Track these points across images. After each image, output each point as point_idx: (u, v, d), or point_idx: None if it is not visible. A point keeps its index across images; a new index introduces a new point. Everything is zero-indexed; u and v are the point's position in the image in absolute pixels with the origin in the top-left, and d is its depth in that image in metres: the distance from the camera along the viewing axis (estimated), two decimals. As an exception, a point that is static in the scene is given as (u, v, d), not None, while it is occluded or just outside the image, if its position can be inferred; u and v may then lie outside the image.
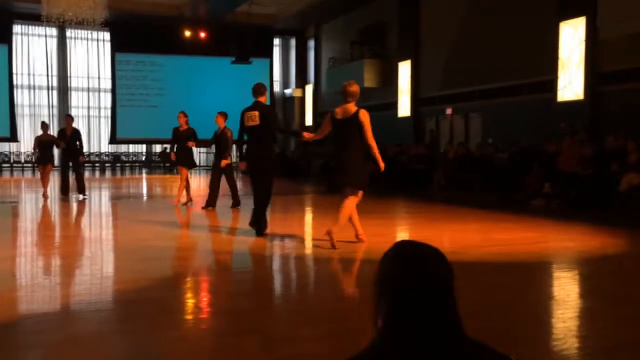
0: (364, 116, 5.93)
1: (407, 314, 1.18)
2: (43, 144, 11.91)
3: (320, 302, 4.30)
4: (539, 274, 5.30)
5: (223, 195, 10.11)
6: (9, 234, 7.90)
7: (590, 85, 11.73)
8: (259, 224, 6.89)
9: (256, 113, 6.81)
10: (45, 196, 11.62)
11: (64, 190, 11.70)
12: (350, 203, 6.06)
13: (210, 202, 9.72)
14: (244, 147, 7.00)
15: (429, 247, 1.28)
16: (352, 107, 6.02)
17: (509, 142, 12.81)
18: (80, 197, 11.51)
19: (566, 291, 4.68)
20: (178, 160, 10.42)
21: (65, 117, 12.70)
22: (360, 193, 6.14)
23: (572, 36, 12.11)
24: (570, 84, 12.16)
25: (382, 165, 6.15)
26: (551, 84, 12.59)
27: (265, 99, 7.14)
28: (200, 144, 10.98)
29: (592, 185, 9.49)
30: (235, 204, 9.88)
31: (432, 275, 1.21)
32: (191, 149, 10.51)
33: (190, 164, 10.68)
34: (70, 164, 11.71)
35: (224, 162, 9.77)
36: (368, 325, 1.28)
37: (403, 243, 1.30)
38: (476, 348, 1.20)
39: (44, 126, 12.35)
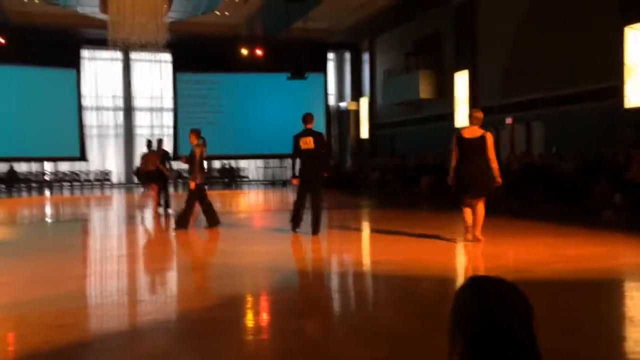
0: (490, 138, 7.20)
1: (484, 354, 1.17)
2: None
3: (381, 323, 4.26)
4: (610, 293, 5.08)
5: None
6: (68, 253, 8.25)
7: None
8: (316, 225, 8.38)
9: (311, 139, 8.44)
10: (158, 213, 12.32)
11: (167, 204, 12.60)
12: (482, 207, 7.25)
13: (181, 222, 9.36)
14: (297, 166, 8.63)
15: (505, 283, 1.25)
16: (478, 129, 7.24)
17: (573, 151, 12.37)
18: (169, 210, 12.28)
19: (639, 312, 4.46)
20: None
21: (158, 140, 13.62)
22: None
23: (637, 40, 11.62)
24: (639, 90, 11.65)
25: (499, 179, 7.19)
26: (617, 90, 12.10)
27: (312, 126, 8.63)
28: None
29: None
30: (211, 222, 9.44)
31: (508, 313, 1.19)
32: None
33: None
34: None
35: (192, 185, 9.39)
36: (429, 347, 1.27)
37: (477, 278, 1.28)
38: None
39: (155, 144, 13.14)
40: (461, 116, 18.10)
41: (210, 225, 9.39)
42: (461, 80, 18.05)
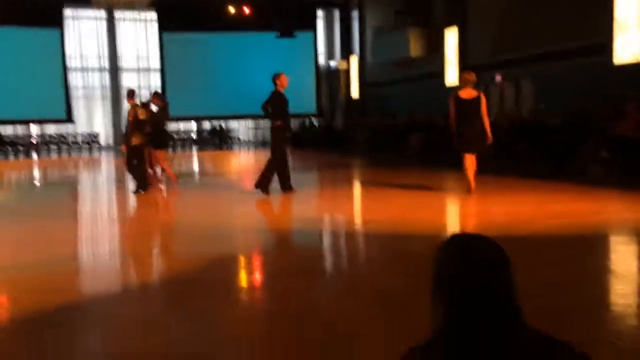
0: (484, 99, 7.82)
1: (466, 307, 1.20)
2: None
3: (375, 281, 4.33)
4: (595, 247, 5.17)
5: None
6: (65, 220, 8.25)
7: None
8: (258, 181, 8.62)
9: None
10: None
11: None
12: (474, 163, 7.87)
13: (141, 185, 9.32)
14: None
15: (483, 238, 1.28)
16: (473, 90, 7.81)
17: (562, 108, 12.38)
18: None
19: (626, 265, 4.56)
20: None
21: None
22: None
23: (629, -5, 11.49)
24: (628, 45, 11.60)
25: (490, 137, 7.76)
26: (606, 47, 12.03)
27: (277, 86, 8.73)
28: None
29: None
30: (140, 187, 9.28)
31: (488, 266, 1.22)
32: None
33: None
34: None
35: (122, 147, 9.22)
36: (421, 303, 1.30)
37: (457, 236, 1.31)
38: (536, 336, 1.20)
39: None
40: (451, 74, 17.99)
41: (136, 191, 9.26)
42: (451, 38, 17.86)
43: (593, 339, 3.00)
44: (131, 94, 9.47)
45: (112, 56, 24.93)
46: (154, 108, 10.03)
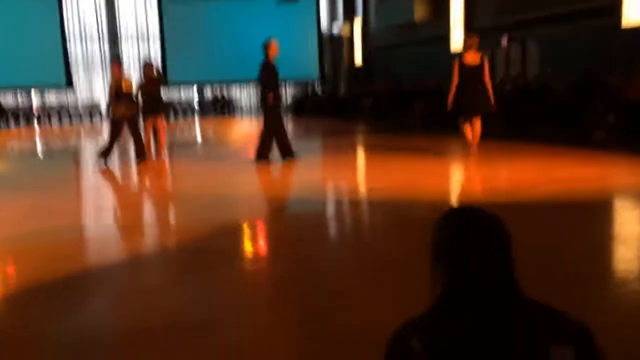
0: (487, 63, 8.03)
1: (465, 278, 1.22)
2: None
3: (379, 248, 4.34)
4: (600, 214, 5.15)
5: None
6: (62, 187, 8.26)
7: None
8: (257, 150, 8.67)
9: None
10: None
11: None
12: (479, 124, 8.06)
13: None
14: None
15: (483, 211, 1.29)
16: (476, 54, 7.96)
17: (569, 71, 12.22)
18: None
19: (628, 230, 4.55)
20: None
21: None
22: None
23: (639, -47, 11.20)
24: (637, 8, 11.35)
25: (492, 100, 8.02)
26: (614, 9, 11.79)
27: (267, 54, 8.59)
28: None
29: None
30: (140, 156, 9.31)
31: (487, 238, 1.23)
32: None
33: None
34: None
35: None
36: (426, 270, 1.31)
37: (457, 208, 1.33)
38: (534, 307, 1.22)
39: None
40: (457, 38, 17.71)
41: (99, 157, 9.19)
42: (456, 1, 17.54)
43: (594, 303, 3.01)
44: (117, 64, 9.32)
45: (112, 25, 24.63)
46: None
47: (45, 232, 4.94)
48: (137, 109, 9.36)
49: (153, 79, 9.81)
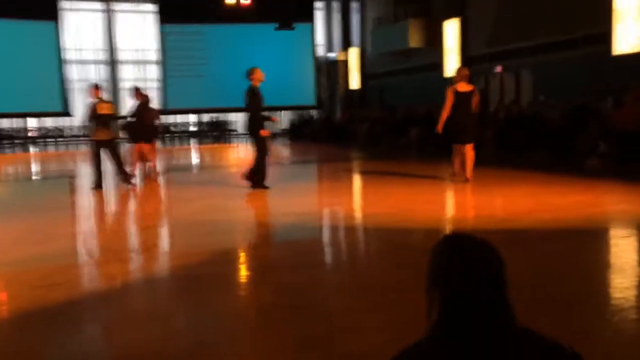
0: (477, 93, 8.50)
1: (460, 306, 1.22)
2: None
3: (374, 274, 4.32)
4: (594, 241, 5.16)
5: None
6: (55, 211, 8.23)
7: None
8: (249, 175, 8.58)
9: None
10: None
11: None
12: (472, 152, 8.37)
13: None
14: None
15: (478, 239, 1.30)
16: (468, 84, 8.42)
17: (561, 99, 12.35)
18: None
19: (624, 259, 4.55)
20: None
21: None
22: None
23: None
24: (628, 36, 11.55)
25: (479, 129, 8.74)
26: (606, 37, 11.99)
27: (251, 80, 8.43)
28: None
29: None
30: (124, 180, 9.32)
31: (482, 267, 1.24)
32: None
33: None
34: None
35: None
36: (420, 296, 1.31)
37: (452, 235, 1.33)
38: (528, 336, 1.22)
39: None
40: (451, 65, 17.92)
41: (95, 187, 9.16)
42: (451, 29, 17.80)
43: (590, 332, 3.00)
44: (95, 88, 9.30)
45: (110, 49, 24.84)
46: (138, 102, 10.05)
47: (36, 258, 4.90)
48: (115, 132, 9.37)
49: (142, 104, 9.90)
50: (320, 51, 26.73)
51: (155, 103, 25.49)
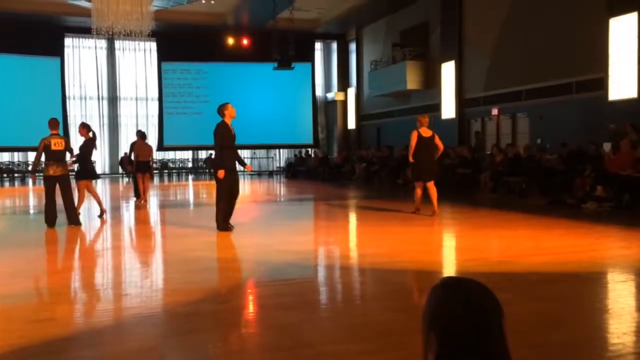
0: (437, 136, 9.57)
1: (457, 351, 1.21)
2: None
3: (367, 316, 4.28)
4: (592, 285, 5.14)
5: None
6: (50, 246, 8.19)
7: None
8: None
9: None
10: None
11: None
12: (434, 187, 9.41)
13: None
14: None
15: (476, 284, 1.30)
16: (428, 130, 9.54)
17: (558, 143, 12.48)
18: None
19: (621, 304, 4.52)
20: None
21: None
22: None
23: (622, 32, 11.71)
24: (623, 82, 11.75)
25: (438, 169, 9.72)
26: (601, 83, 12.21)
27: (223, 116, 8.31)
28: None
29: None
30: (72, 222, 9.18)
31: (480, 312, 1.24)
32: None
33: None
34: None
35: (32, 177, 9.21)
36: (416, 339, 1.30)
37: (450, 279, 1.33)
38: None
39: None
40: (448, 107, 18.16)
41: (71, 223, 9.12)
42: (448, 71, 18.10)
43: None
44: (54, 123, 9.39)
45: (111, 85, 25.14)
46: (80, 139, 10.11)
47: (29, 294, 4.85)
48: (67, 168, 9.25)
49: (87, 141, 9.76)
50: (319, 91, 27.09)
51: (152, 139, 25.76)
